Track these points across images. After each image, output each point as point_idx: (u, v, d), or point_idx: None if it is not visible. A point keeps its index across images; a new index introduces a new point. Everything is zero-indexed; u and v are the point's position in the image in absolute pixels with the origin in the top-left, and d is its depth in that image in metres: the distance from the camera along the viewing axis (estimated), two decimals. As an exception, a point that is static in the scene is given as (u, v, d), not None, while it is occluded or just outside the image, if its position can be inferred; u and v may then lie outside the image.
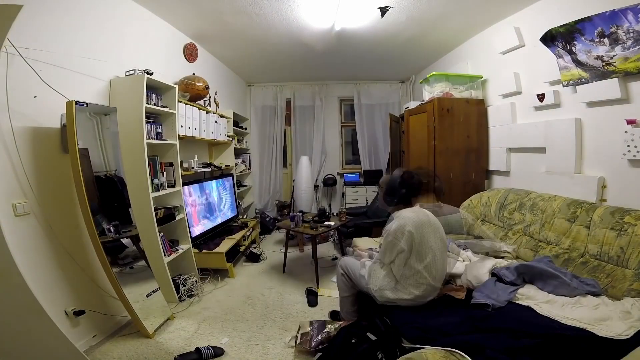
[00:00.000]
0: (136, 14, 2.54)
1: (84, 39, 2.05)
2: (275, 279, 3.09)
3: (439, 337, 1.37)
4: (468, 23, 3.13)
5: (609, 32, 1.89)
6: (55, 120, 1.85)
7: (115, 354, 1.91)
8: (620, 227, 1.74)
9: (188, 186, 2.99)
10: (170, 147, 2.60)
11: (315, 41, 3.49)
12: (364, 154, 5.43)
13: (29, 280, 1.43)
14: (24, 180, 1.67)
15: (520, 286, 1.74)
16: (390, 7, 2.67)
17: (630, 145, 1.90)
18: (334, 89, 5.54)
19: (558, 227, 2.12)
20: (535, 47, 2.47)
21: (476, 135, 3.27)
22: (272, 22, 2.98)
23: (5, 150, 1.59)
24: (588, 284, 1.65)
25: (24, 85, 1.68)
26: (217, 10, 2.72)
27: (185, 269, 2.76)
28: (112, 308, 2.15)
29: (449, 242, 2.13)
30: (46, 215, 1.77)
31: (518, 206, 2.55)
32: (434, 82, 3.38)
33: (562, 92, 2.42)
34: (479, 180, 3.35)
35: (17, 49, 1.59)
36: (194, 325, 2.25)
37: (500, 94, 3.09)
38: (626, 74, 1.91)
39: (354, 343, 1.64)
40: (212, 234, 3.30)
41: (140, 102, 2.22)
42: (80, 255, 1.97)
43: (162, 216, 2.46)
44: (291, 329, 2.20)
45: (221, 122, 3.66)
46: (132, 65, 2.33)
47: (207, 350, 1.88)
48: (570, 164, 2.33)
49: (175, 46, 3.15)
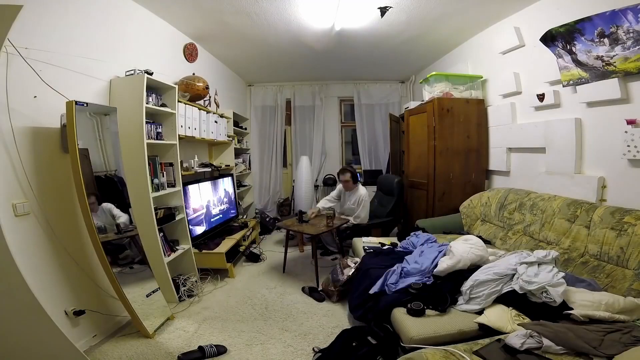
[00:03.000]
0: (136, 14, 2.54)
1: (84, 39, 2.05)
2: (275, 279, 3.09)
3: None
4: (468, 23, 3.13)
5: (609, 32, 1.90)
6: (56, 120, 1.85)
7: (115, 354, 1.91)
8: (620, 227, 1.74)
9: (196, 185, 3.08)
10: (170, 147, 2.60)
11: (315, 41, 3.49)
12: (364, 154, 5.44)
13: (29, 280, 1.43)
14: (24, 180, 1.67)
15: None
16: (390, 7, 2.67)
17: (630, 145, 1.90)
18: (334, 89, 5.55)
19: (558, 227, 2.12)
20: (536, 47, 2.48)
21: (476, 135, 3.28)
22: (272, 22, 2.98)
23: (5, 150, 1.59)
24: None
25: (24, 85, 1.68)
26: (217, 10, 2.72)
27: (185, 269, 2.76)
28: (112, 308, 2.15)
29: (445, 246, 2.18)
30: (46, 215, 1.77)
31: (518, 206, 2.55)
32: (434, 82, 3.38)
33: (562, 92, 2.42)
34: (479, 180, 3.35)
35: (17, 49, 1.59)
36: (194, 325, 2.25)
37: (500, 94, 3.09)
38: (626, 74, 1.91)
39: (354, 346, 1.65)
40: (212, 234, 3.30)
41: (140, 102, 2.22)
42: (80, 255, 1.97)
43: (162, 216, 2.46)
44: (291, 329, 2.20)
45: (221, 122, 3.66)
46: (132, 65, 2.33)
47: (210, 348, 1.89)
48: (570, 164, 2.33)
49: (175, 46, 3.15)
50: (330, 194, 3.80)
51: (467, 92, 3.39)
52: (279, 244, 4.27)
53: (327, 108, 5.55)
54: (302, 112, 5.50)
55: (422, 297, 1.71)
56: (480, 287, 1.69)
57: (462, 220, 3.07)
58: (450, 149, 3.22)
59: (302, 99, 5.46)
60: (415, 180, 3.65)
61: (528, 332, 1.30)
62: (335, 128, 5.67)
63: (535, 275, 1.58)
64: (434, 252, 2.13)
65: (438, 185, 3.25)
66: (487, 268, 1.79)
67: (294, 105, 5.45)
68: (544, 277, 1.56)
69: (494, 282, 1.68)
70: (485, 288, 1.67)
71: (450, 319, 1.59)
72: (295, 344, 2.02)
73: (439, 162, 3.22)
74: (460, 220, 3.08)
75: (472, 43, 3.54)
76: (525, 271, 1.63)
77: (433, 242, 2.42)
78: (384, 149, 5.43)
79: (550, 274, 1.57)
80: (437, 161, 3.22)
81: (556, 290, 1.49)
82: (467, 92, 3.39)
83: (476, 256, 1.92)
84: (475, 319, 1.56)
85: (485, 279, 1.70)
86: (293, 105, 5.46)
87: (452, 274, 1.88)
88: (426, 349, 1.31)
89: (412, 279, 1.91)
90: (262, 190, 5.51)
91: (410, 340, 1.45)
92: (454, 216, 3.15)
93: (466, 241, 2.06)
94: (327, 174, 5.49)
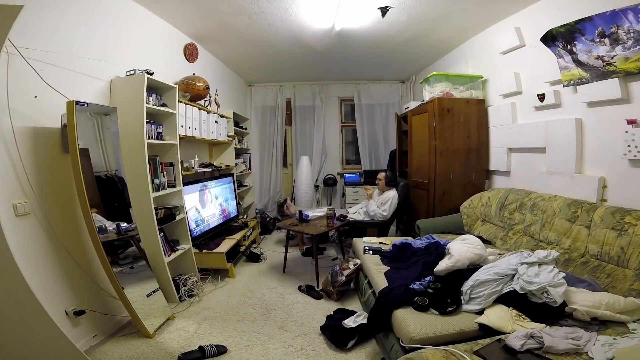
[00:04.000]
0: (136, 14, 2.55)
1: (84, 39, 2.05)
2: (275, 279, 3.09)
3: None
4: (468, 23, 3.13)
5: (609, 32, 1.89)
6: (56, 120, 1.85)
7: (115, 354, 1.91)
8: (620, 227, 1.74)
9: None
10: (170, 147, 2.60)
11: (316, 41, 3.49)
12: (364, 154, 5.44)
13: (30, 280, 1.43)
14: (25, 180, 1.67)
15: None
16: (390, 7, 2.67)
17: (630, 145, 1.90)
18: (334, 89, 5.55)
19: (558, 227, 2.12)
20: (536, 47, 2.48)
21: (476, 135, 3.27)
22: (272, 22, 2.98)
23: (5, 150, 1.59)
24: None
25: (25, 85, 1.68)
26: (218, 10, 2.72)
27: (185, 269, 2.76)
28: (113, 308, 2.15)
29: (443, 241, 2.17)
30: (47, 215, 1.77)
31: (518, 206, 2.55)
32: (434, 82, 3.38)
33: (563, 92, 2.42)
34: (480, 180, 3.35)
35: (18, 49, 1.59)
36: (194, 325, 2.25)
37: (501, 94, 3.09)
38: (627, 74, 1.91)
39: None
40: (212, 234, 3.30)
41: (141, 102, 2.22)
42: (80, 255, 1.97)
43: (163, 216, 2.46)
44: (291, 329, 2.20)
45: (221, 122, 3.66)
46: (132, 65, 2.33)
47: (210, 348, 1.89)
48: (570, 164, 2.33)
49: (175, 46, 3.15)
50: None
51: (468, 92, 3.38)
52: (279, 244, 4.27)
53: (328, 108, 5.55)
54: (303, 112, 5.50)
55: (431, 296, 1.71)
56: (480, 287, 1.69)
57: (462, 220, 3.07)
58: (451, 149, 3.22)
59: (302, 99, 5.46)
60: (417, 180, 3.66)
61: (529, 332, 1.29)
62: (335, 128, 5.67)
63: (535, 276, 1.58)
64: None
65: (439, 185, 3.25)
66: (487, 268, 1.79)
67: (295, 105, 5.46)
68: (544, 277, 1.55)
69: (495, 282, 1.68)
70: (485, 288, 1.67)
71: (451, 319, 1.59)
72: (295, 344, 2.02)
73: (439, 162, 3.22)
74: (460, 220, 3.08)
75: (472, 43, 3.53)
76: (526, 271, 1.63)
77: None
78: (384, 149, 5.43)
79: (551, 274, 1.56)
80: (437, 161, 3.22)
81: (557, 290, 1.49)
82: (467, 92, 3.39)
83: (475, 255, 1.92)
84: (475, 319, 1.55)
85: (486, 279, 1.69)
86: (293, 105, 5.46)
87: (452, 274, 1.87)
88: (426, 349, 1.31)
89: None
90: (263, 190, 5.51)
91: (411, 340, 1.45)
92: (454, 216, 3.15)
93: (464, 241, 2.06)
94: (327, 174, 5.49)
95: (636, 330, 1.35)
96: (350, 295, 2.67)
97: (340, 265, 2.64)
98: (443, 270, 1.88)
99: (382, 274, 2.11)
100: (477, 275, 1.76)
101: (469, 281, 1.75)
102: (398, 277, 2.00)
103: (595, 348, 1.22)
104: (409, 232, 3.81)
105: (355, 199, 5.04)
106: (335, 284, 2.56)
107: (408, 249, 2.35)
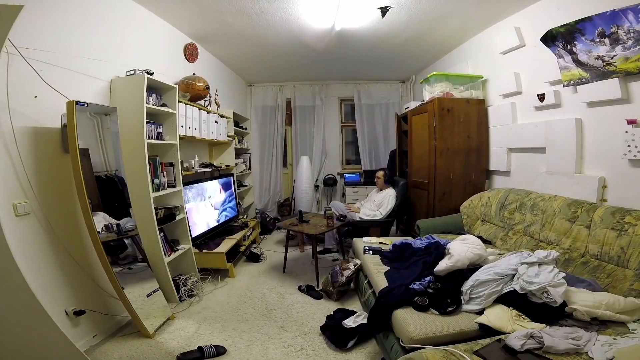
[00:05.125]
0: (136, 14, 2.55)
1: (84, 39, 2.05)
2: (275, 279, 3.09)
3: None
4: (468, 23, 3.13)
5: (609, 32, 1.89)
6: (56, 120, 1.85)
7: (115, 353, 1.91)
8: (620, 227, 1.74)
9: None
10: (170, 147, 2.60)
11: (316, 41, 3.49)
12: (364, 154, 5.44)
13: (30, 280, 1.43)
14: (25, 180, 1.67)
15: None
16: (390, 7, 2.67)
17: (630, 145, 1.90)
18: (334, 89, 5.55)
19: (558, 227, 2.12)
20: (536, 47, 2.48)
21: (476, 135, 3.27)
22: (272, 22, 2.98)
23: (5, 150, 1.59)
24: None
25: (25, 85, 1.68)
26: (218, 11, 2.72)
27: (185, 269, 2.76)
28: (113, 308, 2.15)
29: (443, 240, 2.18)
30: (47, 215, 1.77)
31: (518, 206, 2.55)
32: (434, 82, 3.38)
33: (563, 92, 2.42)
34: (480, 180, 3.35)
35: (18, 49, 1.59)
36: (194, 325, 2.25)
37: (501, 94, 3.09)
38: (627, 74, 1.91)
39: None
40: (212, 234, 3.30)
41: (141, 102, 2.22)
42: (80, 255, 1.97)
43: (163, 216, 2.46)
44: (291, 329, 2.20)
45: (221, 122, 3.67)
46: (132, 65, 2.33)
47: (209, 348, 1.89)
48: (570, 164, 2.33)
49: (175, 46, 3.15)
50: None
51: (468, 92, 3.38)
52: (279, 244, 4.27)
53: (328, 108, 5.55)
54: (303, 112, 5.50)
55: (431, 296, 1.71)
56: (480, 287, 1.69)
57: (462, 220, 3.07)
58: (451, 149, 3.22)
59: (302, 99, 5.46)
60: (417, 180, 3.66)
61: (529, 332, 1.29)
62: (335, 128, 5.67)
63: (535, 276, 1.58)
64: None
65: (439, 185, 3.25)
66: (487, 268, 1.79)
67: (295, 105, 5.45)
68: (544, 277, 1.55)
69: (495, 282, 1.68)
70: (485, 288, 1.67)
71: (451, 319, 1.59)
72: (295, 344, 2.02)
73: (439, 162, 3.22)
74: (460, 220, 3.08)
75: (472, 43, 3.53)
76: (526, 271, 1.63)
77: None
78: (384, 148, 5.43)
79: (551, 274, 1.56)
80: (437, 161, 3.22)
81: (557, 290, 1.49)
82: (467, 92, 3.39)
83: (475, 255, 1.92)
84: (475, 319, 1.55)
85: (486, 279, 1.69)
86: (293, 105, 5.46)
87: (452, 274, 1.87)
88: (426, 349, 1.31)
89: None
90: (263, 190, 5.51)
91: (411, 340, 1.45)
92: (454, 216, 3.15)
93: (464, 241, 2.07)
94: (327, 174, 5.49)
95: (636, 330, 1.35)
96: (350, 295, 2.67)
97: (340, 266, 2.64)
98: (443, 270, 1.88)
99: (382, 274, 2.11)
100: (477, 275, 1.76)
101: (469, 281, 1.75)
102: (398, 277, 2.01)
103: (595, 348, 1.22)
104: (409, 232, 3.82)
105: (355, 199, 5.03)
106: (335, 284, 2.56)
107: (408, 249, 2.35)
